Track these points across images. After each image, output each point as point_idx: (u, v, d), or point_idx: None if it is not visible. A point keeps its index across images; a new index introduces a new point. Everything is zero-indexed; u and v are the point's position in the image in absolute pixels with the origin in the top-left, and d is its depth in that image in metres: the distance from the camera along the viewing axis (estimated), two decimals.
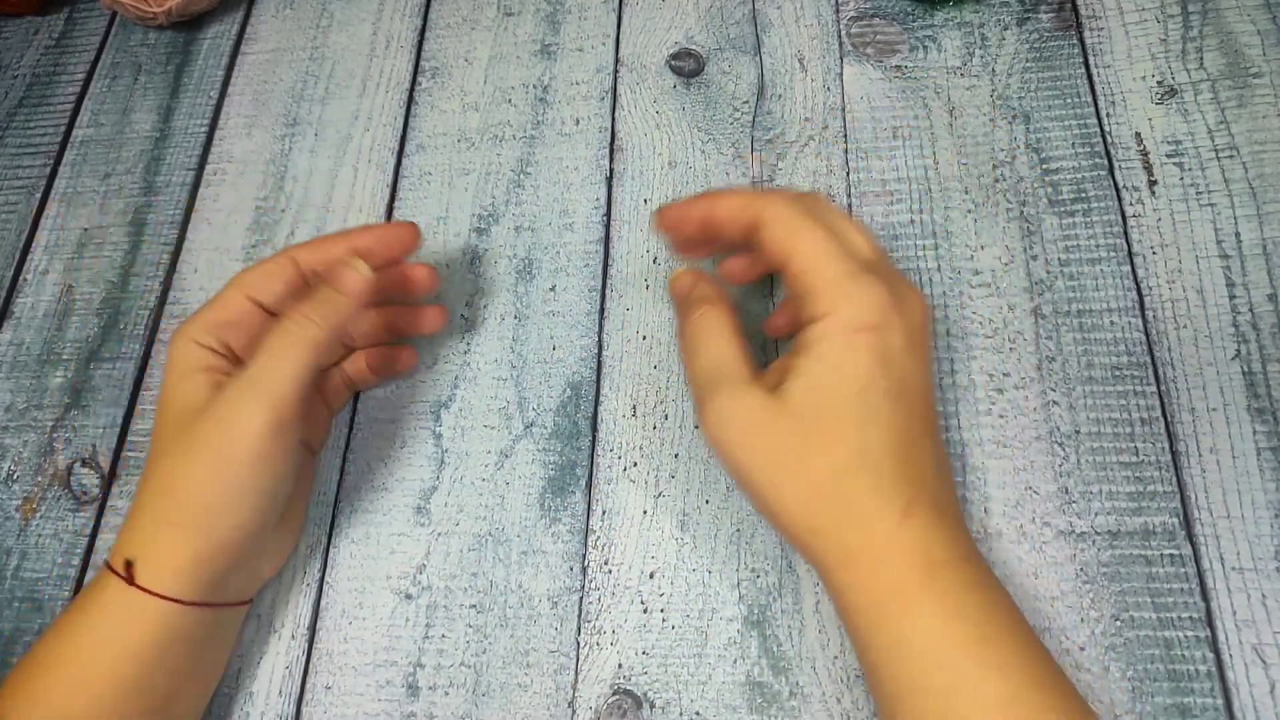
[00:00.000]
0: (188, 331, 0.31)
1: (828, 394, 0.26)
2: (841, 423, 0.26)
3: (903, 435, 0.26)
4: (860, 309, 0.26)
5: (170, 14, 0.46)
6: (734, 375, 0.27)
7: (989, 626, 0.25)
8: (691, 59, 0.43)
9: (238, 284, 0.32)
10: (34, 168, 0.46)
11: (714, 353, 0.28)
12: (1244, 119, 0.38)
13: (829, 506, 0.26)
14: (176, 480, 0.29)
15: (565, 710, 0.32)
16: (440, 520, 0.36)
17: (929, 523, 0.26)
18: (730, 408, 0.27)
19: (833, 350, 0.26)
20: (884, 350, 0.26)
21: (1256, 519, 0.32)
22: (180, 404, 0.29)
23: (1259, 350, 0.34)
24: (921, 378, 0.27)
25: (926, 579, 0.25)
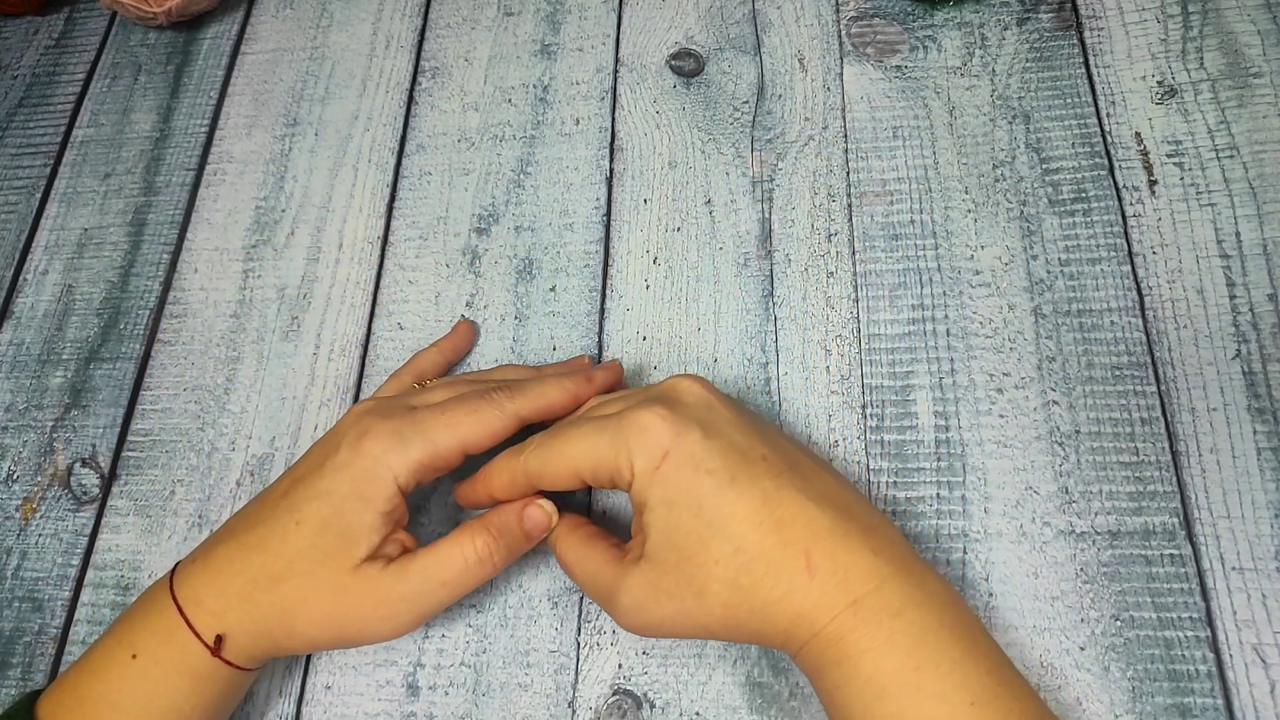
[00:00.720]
0: (393, 463, 0.29)
1: (676, 533, 0.27)
2: (704, 545, 0.26)
3: (760, 504, 0.26)
4: (645, 451, 0.27)
5: (170, 14, 0.46)
6: (610, 576, 0.28)
7: (923, 652, 0.25)
8: (691, 59, 0.43)
9: (460, 436, 0.30)
10: (34, 168, 0.46)
11: (587, 570, 0.30)
12: (1244, 119, 0.38)
13: (746, 614, 0.26)
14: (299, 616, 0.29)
15: (565, 710, 0.32)
16: (440, 520, 0.36)
17: (836, 562, 0.26)
18: (624, 601, 0.28)
19: (654, 498, 0.27)
20: (689, 460, 0.27)
21: (1256, 519, 0.32)
22: (345, 528, 0.29)
23: (1259, 350, 0.34)
24: (742, 438, 0.28)
25: (853, 619, 0.25)
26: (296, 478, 0.30)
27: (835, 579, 0.25)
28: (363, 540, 0.29)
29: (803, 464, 0.28)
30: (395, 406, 0.31)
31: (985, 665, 0.25)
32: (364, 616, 0.29)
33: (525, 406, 0.31)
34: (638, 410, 0.28)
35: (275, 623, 0.29)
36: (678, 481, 0.27)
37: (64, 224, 0.45)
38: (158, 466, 0.38)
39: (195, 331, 0.41)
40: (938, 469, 0.34)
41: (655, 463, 0.27)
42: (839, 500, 0.28)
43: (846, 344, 0.36)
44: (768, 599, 0.26)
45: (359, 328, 0.40)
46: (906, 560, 0.27)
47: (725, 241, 0.39)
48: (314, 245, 0.42)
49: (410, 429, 0.30)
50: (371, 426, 0.30)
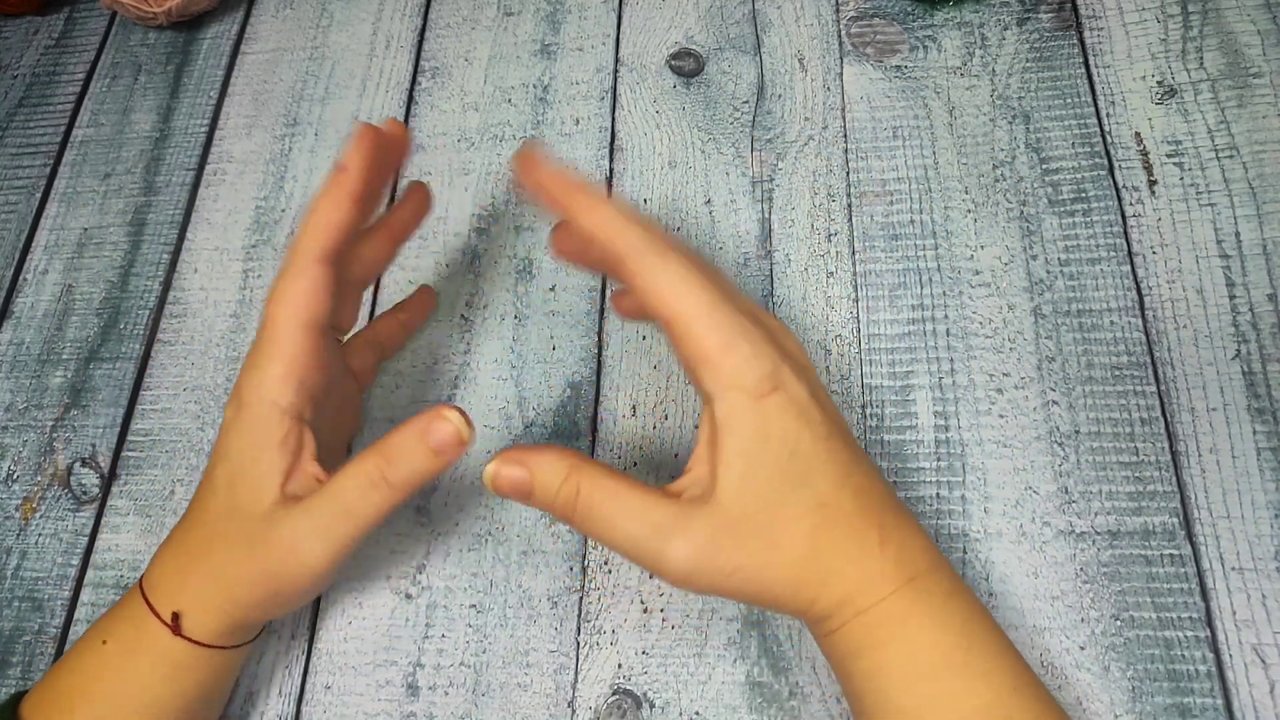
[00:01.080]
0: (263, 391, 0.27)
1: (763, 474, 0.25)
2: (790, 492, 0.25)
3: (846, 470, 0.25)
4: (755, 370, 0.24)
5: (170, 14, 0.46)
6: (657, 523, 0.25)
7: (972, 635, 0.25)
8: (691, 59, 0.43)
9: (286, 317, 0.27)
10: (34, 168, 0.46)
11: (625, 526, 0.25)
12: (1244, 119, 0.38)
13: (813, 573, 0.25)
14: (230, 577, 0.28)
15: (565, 710, 0.32)
16: (440, 520, 0.36)
17: (902, 538, 0.26)
18: (686, 551, 0.24)
19: (749, 426, 0.24)
20: (795, 403, 0.25)
21: (1256, 519, 0.32)
22: (249, 480, 0.27)
23: (1259, 350, 0.34)
24: (832, 408, 0.27)
25: (911, 593, 0.25)
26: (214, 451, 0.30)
27: (900, 555, 0.25)
28: (266, 485, 0.27)
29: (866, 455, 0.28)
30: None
31: (1018, 654, 0.26)
32: (281, 562, 0.27)
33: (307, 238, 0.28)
34: (762, 335, 0.25)
35: (216, 591, 0.28)
36: (780, 419, 0.24)
37: (64, 224, 0.45)
38: (158, 466, 0.38)
39: (195, 331, 0.41)
40: (937, 469, 0.34)
41: (764, 391, 0.24)
42: (893, 491, 0.28)
43: (846, 344, 0.36)
44: (837, 562, 0.25)
45: (359, 327, 0.40)
46: (943, 556, 0.27)
47: (725, 241, 0.39)
48: None
49: (257, 348, 0.28)
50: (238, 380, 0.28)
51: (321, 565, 0.27)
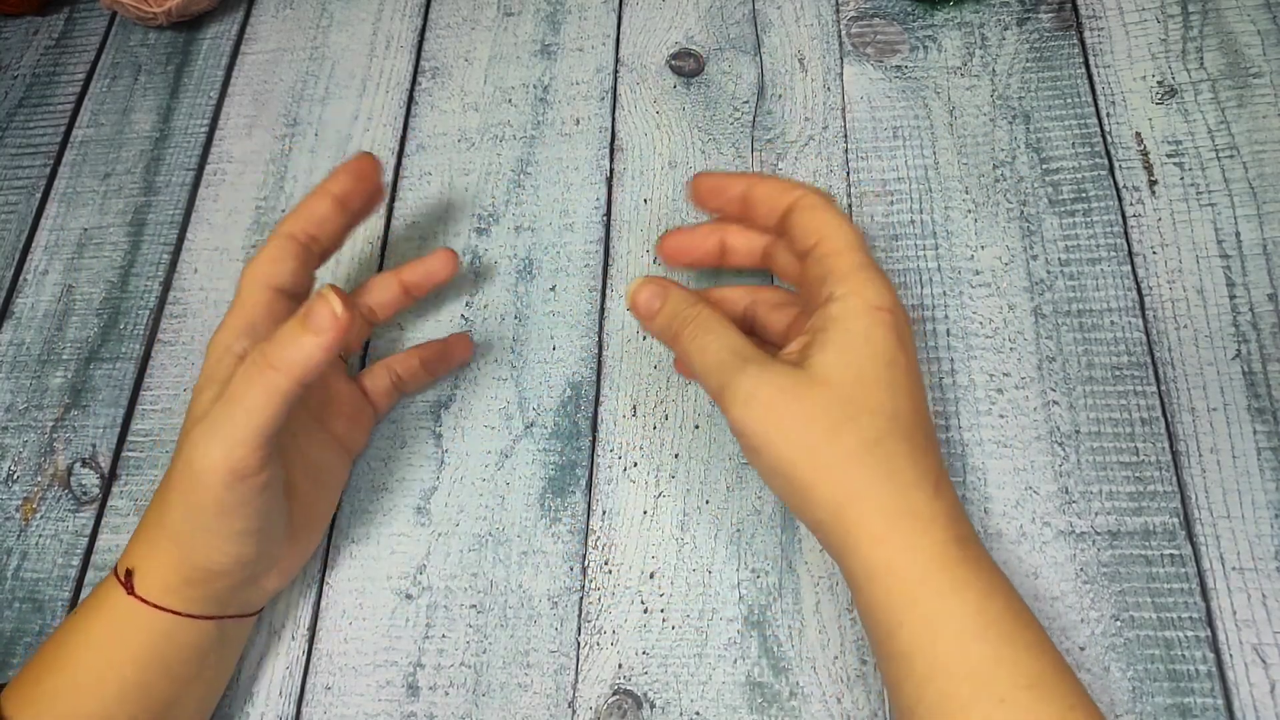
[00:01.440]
0: (220, 340, 0.30)
1: (859, 363, 0.26)
2: (876, 390, 0.26)
3: (923, 411, 0.27)
4: (880, 292, 0.27)
5: (170, 14, 0.46)
6: (753, 355, 0.27)
7: (1019, 604, 0.25)
8: (691, 59, 0.43)
9: (252, 278, 0.30)
10: (34, 168, 0.46)
11: (724, 342, 0.28)
12: (1244, 119, 0.38)
13: (868, 473, 0.25)
14: (163, 504, 0.28)
15: (565, 710, 0.32)
16: (440, 520, 0.36)
17: (953, 501, 0.26)
18: (756, 387, 0.26)
19: (860, 325, 0.26)
20: (901, 331, 0.27)
21: (1257, 519, 0.32)
22: (197, 415, 0.28)
23: (1259, 350, 0.34)
24: (917, 365, 0.28)
25: (960, 553, 0.25)
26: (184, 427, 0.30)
27: (951, 512, 0.25)
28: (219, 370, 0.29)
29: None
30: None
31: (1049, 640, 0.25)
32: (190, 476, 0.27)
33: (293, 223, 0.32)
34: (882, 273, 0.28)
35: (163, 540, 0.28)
36: (886, 333, 0.26)
37: (64, 224, 0.45)
38: (158, 466, 0.38)
39: (195, 331, 0.41)
40: None
41: (882, 307, 0.27)
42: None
43: None
44: (896, 478, 0.25)
45: None
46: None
47: None
48: None
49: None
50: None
51: (221, 465, 0.26)
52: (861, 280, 0.27)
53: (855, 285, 0.27)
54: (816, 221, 0.29)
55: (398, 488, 0.36)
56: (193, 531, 0.28)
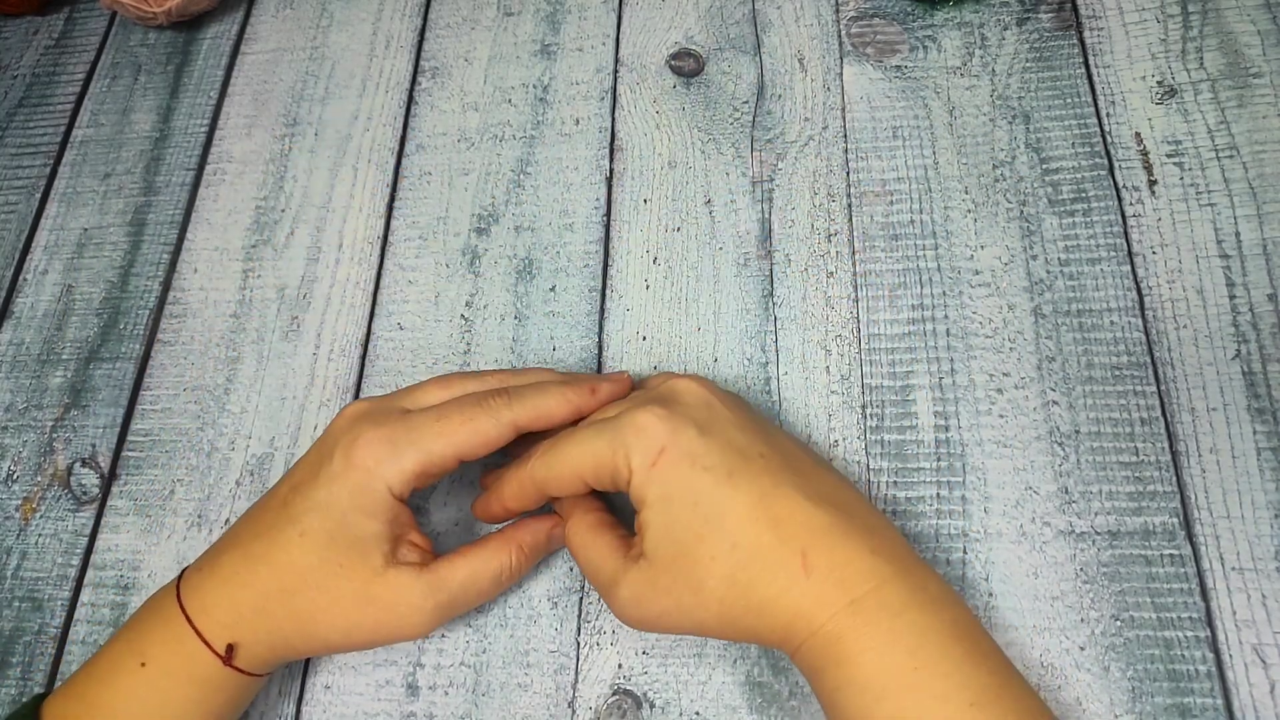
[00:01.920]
0: (387, 475, 0.29)
1: (674, 528, 0.27)
2: (701, 541, 0.26)
3: (757, 501, 0.26)
4: (641, 449, 0.27)
5: (170, 14, 0.46)
6: (611, 570, 0.28)
7: (924, 652, 0.25)
8: (691, 59, 0.43)
9: (455, 444, 0.29)
10: (34, 168, 0.46)
11: (590, 560, 0.30)
12: (1244, 119, 0.38)
13: (743, 610, 0.26)
14: (321, 624, 0.29)
15: (565, 710, 0.32)
16: (440, 520, 0.36)
17: (833, 560, 0.26)
18: (623, 595, 0.28)
19: (652, 495, 0.27)
20: (685, 456, 0.27)
21: (1256, 519, 0.31)
22: (353, 540, 0.29)
23: (1259, 350, 0.34)
24: (741, 436, 0.28)
25: (852, 618, 0.25)
26: (294, 484, 0.30)
27: (833, 577, 0.25)
28: (374, 549, 0.29)
29: (802, 463, 0.28)
30: (388, 410, 0.30)
31: (986, 666, 0.25)
32: (393, 622, 0.29)
33: (522, 415, 0.30)
34: (634, 411, 0.28)
35: (292, 632, 0.29)
36: (674, 477, 0.27)
37: (64, 224, 0.45)
38: (158, 466, 0.38)
39: (195, 331, 0.41)
40: (938, 469, 0.34)
41: (652, 459, 0.27)
42: (838, 500, 0.27)
43: (846, 344, 0.36)
44: (764, 596, 0.26)
45: (359, 328, 0.40)
46: (907, 561, 0.27)
47: (725, 241, 0.39)
48: (314, 245, 0.42)
49: (404, 437, 0.29)
50: (363, 433, 0.29)
51: (432, 629, 0.30)
52: (619, 458, 0.27)
53: (622, 464, 0.27)
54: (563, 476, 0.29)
55: None
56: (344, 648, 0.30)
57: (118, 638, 0.29)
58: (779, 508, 0.26)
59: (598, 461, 0.28)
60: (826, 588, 0.25)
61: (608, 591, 0.29)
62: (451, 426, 0.29)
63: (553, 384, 0.31)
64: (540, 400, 0.31)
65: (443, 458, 0.29)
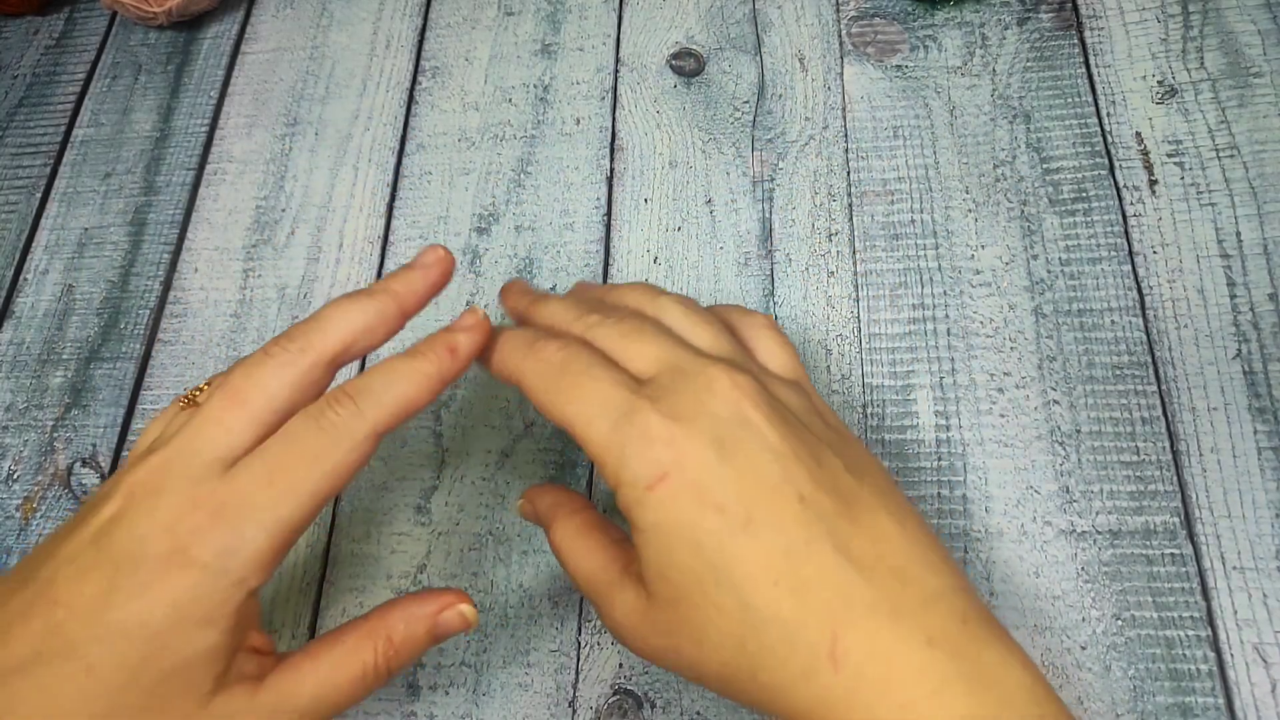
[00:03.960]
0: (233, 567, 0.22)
1: (672, 569, 0.22)
2: (704, 590, 0.21)
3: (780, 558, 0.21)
4: (640, 464, 0.22)
5: (170, 14, 0.46)
6: (605, 584, 0.24)
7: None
8: (692, 59, 0.43)
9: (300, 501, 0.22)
10: (34, 168, 0.46)
11: (581, 569, 0.25)
12: (1244, 118, 0.38)
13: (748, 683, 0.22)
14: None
15: (566, 710, 0.32)
16: (440, 520, 0.35)
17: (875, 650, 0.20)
18: (617, 617, 0.24)
19: (644, 521, 0.22)
20: (690, 488, 0.22)
21: (1258, 518, 0.32)
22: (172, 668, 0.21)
23: (1260, 350, 0.34)
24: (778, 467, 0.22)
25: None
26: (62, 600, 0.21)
27: (874, 673, 0.20)
28: (203, 673, 0.22)
29: (860, 505, 0.22)
30: (191, 470, 0.22)
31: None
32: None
33: (380, 418, 0.24)
34: (649, 411, 0.22)
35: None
36: (673, 512, 0.22)
37: (64, 224, 0.45)
38: None
39: (195, 331, 0.41)
40: (938, 468, 0.34)
41: (649, 481, 0.22)
42: (897, 559, 0.21)
43: (847, 343, 0.36)
44: (778, 675, 0.21)
45: None
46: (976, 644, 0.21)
47: (725, 241, 0.39)
48: (314, 245, 0.42)
49: (239, 510, 0.22)
50: (177, 520, 0.21)
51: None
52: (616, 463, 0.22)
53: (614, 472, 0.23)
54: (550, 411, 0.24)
55: (398, 487, 0.36)
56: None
57: None
58: (809, 569, 0.21)
59: (587, 436, 0.23)
60: (861, 688, 0.20)
61: (601, 611, 0.25)
62: (293, 477, 0.22)
63: (402, 361, 0.25)
64: (393, 389, 0.24)
65: (297, 520, 0.22)
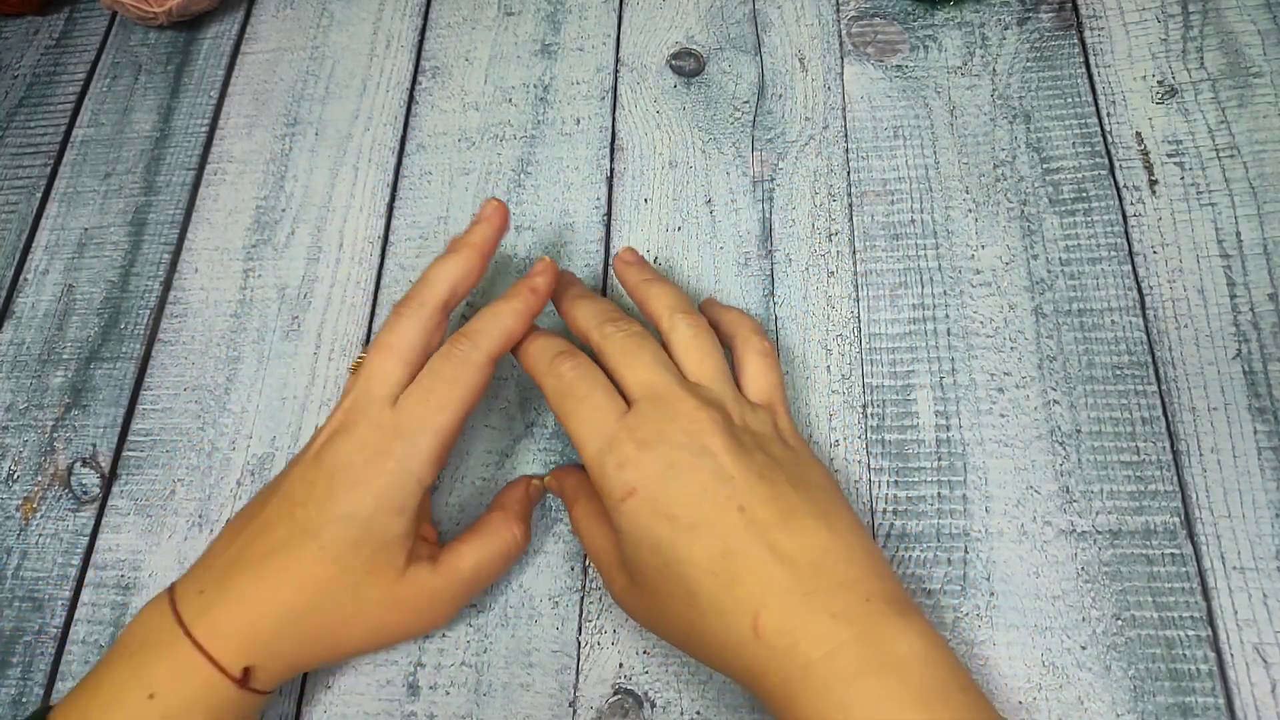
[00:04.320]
0: (414, 468, 0.29)
1: (637, 564, 0.28)
2: (663, 581, 0.27)
3: (719, 557, 0.26)
4: (615, 482, 0.28)
5: (170, 14, 0.46)
6: (608, 563, 0.30)
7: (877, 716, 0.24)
8: (692, 59, 0.43)
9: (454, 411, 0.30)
10: (34, 168, 0.46)
11: (593, 547, 0.31)
12: (1244, 118, 0.38)
13: (701, 652, 0.27)
14: (343, 633, 0.29)
15: (566, 710, 0.32)
16: (441, 520, 0.35)
17: (785, 624, 0.25)
18: (615, 591, 0.30)
19: (620, 526, 0.28)
20: (650, 502, 0.27)
21: (1258, 518, 0.32)
22: (378, 545, 0.29)
23: (1260, 350, 0.34)
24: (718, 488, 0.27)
25: (801, 684, 0.24)
26: (299, 502, 0.29)
27: (784, 642, 0.25)
28: (398, 550, 0.29)
29: (794, 515, 0.27)
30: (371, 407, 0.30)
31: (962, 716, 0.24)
32: (415, 621, 0.30)
33: (492, 347, 0.31)
34: (624, 439, 0.28)
35: (316, 647, 0.29)
36: (637, 519, 0.27)
37: (64, 224, 0.45)
38: (158, 466, 0.38)
39: (195, 331, 0.41)
40: (938, 468, 0.34)
41: (621, 496, 0.28)
42: (814, 556, 0.26)
43: (847, 343, 0.36)
44: (721, 645, 0.26)
45: (359, 327, 0.40)
46: (875, 620, 0.25)
47: (726, 241, 0.39)
48: (314, 245, 0.42)
49: (410, 426, 0.29)
50: (370, 440, 0.29)
51: (446, 621, 0.32)
52: (598, 478, 0.28)
53: (598, 477, 0.28)
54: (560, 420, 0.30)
55: None
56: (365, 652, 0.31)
57: (117, 664, 0.28)
58: (739, 564, 0.26)
59: (583, 454, 0.29)
60: (776, 652, 0.25)
61: (605, 583, 0.31)
62: (441, 397, 0.30)
63: (500, 304, 0.32)
64: (498, 325, 0.31)
65: (452, 427, 0.30)
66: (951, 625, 0.31)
